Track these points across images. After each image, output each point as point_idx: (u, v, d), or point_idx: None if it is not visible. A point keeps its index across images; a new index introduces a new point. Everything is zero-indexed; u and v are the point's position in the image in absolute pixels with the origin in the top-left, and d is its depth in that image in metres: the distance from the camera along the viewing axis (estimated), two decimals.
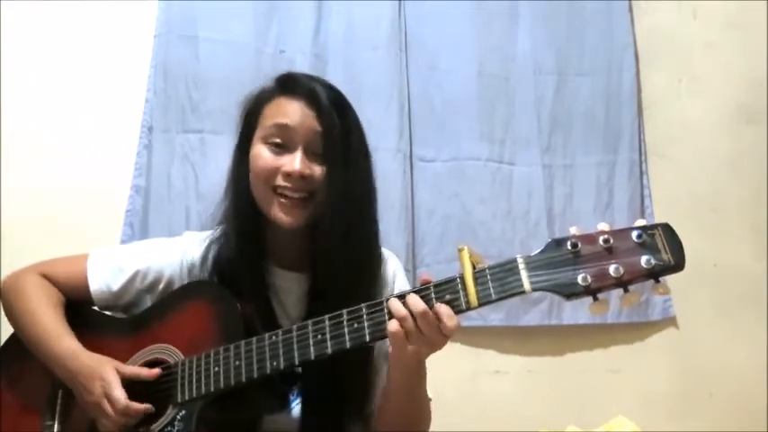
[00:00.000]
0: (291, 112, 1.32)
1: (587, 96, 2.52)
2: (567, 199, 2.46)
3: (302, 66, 2.31)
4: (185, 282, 1.41)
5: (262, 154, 1.33)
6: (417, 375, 1.26)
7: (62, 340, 1.33)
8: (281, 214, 1.31)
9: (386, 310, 1.14)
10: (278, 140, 1.32)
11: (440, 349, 1.16)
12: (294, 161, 1.29)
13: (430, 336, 1.11)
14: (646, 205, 2.48)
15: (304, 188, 1.31)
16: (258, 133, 1.35)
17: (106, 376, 1.25)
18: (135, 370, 1.29)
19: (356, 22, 2.43)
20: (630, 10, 2.58)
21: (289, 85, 1.36)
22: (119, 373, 1.26)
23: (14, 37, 2.29)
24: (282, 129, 1.31)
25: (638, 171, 2.50)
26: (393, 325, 1.12)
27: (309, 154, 1.31)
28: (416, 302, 1.11)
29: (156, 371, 1.28)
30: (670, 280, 1.12)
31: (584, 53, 2.54)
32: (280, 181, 1.30)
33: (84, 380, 1.27)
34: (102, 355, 1.31)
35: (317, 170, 1.31)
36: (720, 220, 2.54)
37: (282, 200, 1.31)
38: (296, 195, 1.31)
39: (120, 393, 1.23)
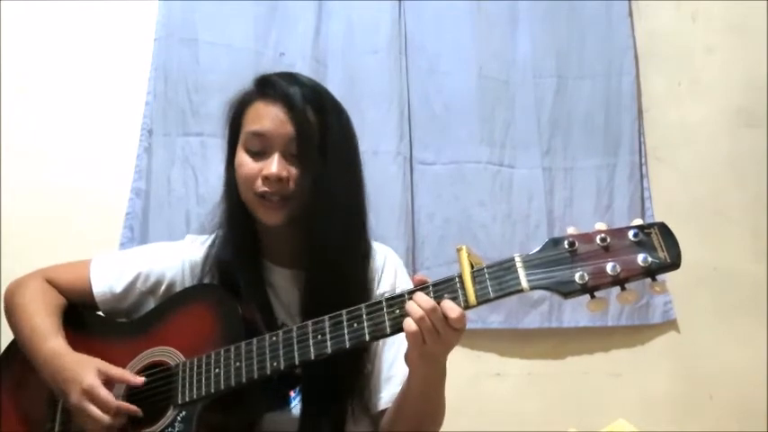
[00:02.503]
0: (267, 118, 1.34)
1: (587, 99, 2.51)
2: (567, 202, 2.46)
3: (302, 69, 2.29)
4: (187, 284, 1.43)
5: (243, 161, 1.36)
6: (435, 377, 1.26)
7: (47, 340, 1.34)
8: (263, 216, 1.35)
9: (385, 310, 1.15)
10: (256, 147, 1.35)
11: (452, 348, 1.16)
12: (271, 165, 1.32)
13: (443, 332, 1.11)
14: (646, 208, 2.48)
15: (283, 190, 1.33)
16: (240, 139, 1.38)
17: (85, 377, 1.24)
18: (120, 373, 1.29)
19: (356, 25, 2.43)
20: (630, 13, 2.58)
21: (265, 88, 1.38)
22: (102, 373, 1.26)
23: (15, 39, 2.29)
24: (259, 137, 1.35)
25: (639, 174, 2.50)
26: (411, 325, 1.12)
27: (288, 156, 1.34)
28: (426, 300, 1.11)
29: (141, 379, 1.29)
30: (670, 283, 1.12)
31: (583, 56, 2.53)
32: (260, 185, 1.33)
33: (62, 382, 1.27)
34: (88, 356, 1.31)
35: (295, 172, 1.33)
36: (721, 223, 2.53)
37: (264, 202, 1.34)
38: (275, 198, 1.33)
39: (104, 393, 1.23)
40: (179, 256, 1.46)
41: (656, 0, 2.62)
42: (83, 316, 1.45)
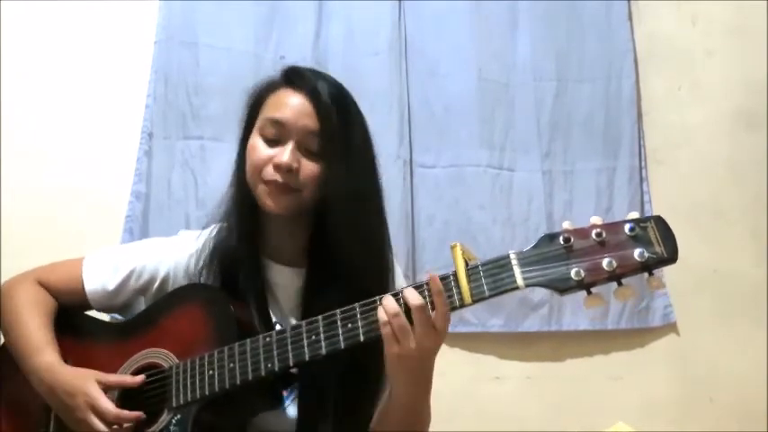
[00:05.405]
0: (290, 106, 1.32)
1: (587, 102, 2.51)
2: (567, 205, 2.46)
3: None
4: (180, 280, 1.41)
5: (256, 145, 1.33)
6: (418, 389, 1.22)
7: (40, 353, 1.32)
8: (267, 201, 1.31)
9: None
10: (272, 134, 1.32)
11: (430, 351, 1.14)
12: (284, 154, 1.29)
13: (419, 330, 1.10)
14: (646, 211, 2.46)
15: (290, 181, 1.30)
16: (257, 123, 1.35)
17: (88, 390, 1.24)
18: (118, 378, 1.28)
19: (356, 27, 2.43)
20: (630, 16, 2.58)
21: (293, 78, 1.36)
22: (101, 383, 1.25)
23: (15, 42, 2.30)
24: (277, 124, 1.31)
25: (638, 177, 2.49)
26: (383, 320, 1.11)
27: (302, 149, 1.31)
28: (414, 296, 1.10)
29: (141, 377, 1.28)
30: (670, 286, 1.11)
31: (583, 59, 2.53)
32: (270, 172, 1.30)
33: (64, 396, 1.26)
34: (82, 368, 1.30)
35: (307, 165, 1.30)
36: (721, 225, 2.53)
37: (270, 187, 1.31)
38: (281, 181, 1.30)
39: (107, 404, 1.22)
40: (173, 252, 1.44)
41: (655, 1, 2.62)
42: (74, 318, 1.44)
